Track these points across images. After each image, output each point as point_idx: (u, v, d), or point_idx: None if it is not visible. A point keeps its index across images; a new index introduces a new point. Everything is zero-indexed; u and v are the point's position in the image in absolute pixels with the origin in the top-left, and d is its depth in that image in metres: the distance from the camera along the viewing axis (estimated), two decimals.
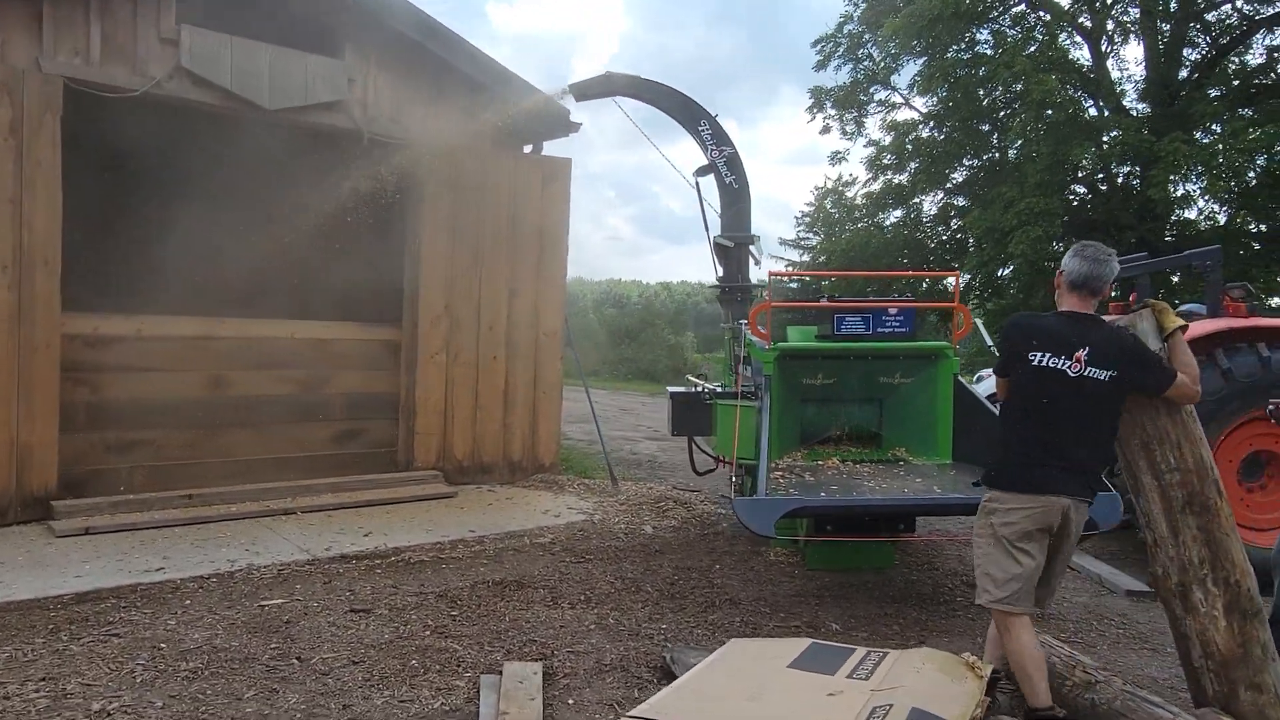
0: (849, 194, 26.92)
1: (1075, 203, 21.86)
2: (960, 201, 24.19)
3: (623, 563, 6.14)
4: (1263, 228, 21.89)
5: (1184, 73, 22.51)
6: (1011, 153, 23.64)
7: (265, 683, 3.94)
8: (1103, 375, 3.47)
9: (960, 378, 5.94)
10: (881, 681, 3.11)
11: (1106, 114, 21.24)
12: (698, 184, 7.66)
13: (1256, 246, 21.62)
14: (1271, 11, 20.78)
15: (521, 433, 8.58)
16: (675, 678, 4.07)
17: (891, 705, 2.88)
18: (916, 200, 24.54)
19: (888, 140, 24.43)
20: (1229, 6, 21.76)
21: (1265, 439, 6.22)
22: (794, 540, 6.48)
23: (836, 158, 26.53)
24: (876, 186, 24.80)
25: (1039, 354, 3.52)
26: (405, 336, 8.21)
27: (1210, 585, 3.54)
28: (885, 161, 24.84)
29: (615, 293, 41.56)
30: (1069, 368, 3.48)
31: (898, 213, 25.14)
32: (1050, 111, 19.91)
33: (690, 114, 7.44)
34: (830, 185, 28.62)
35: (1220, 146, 19.77)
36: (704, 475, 7.53)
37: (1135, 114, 21.66)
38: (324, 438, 7.99)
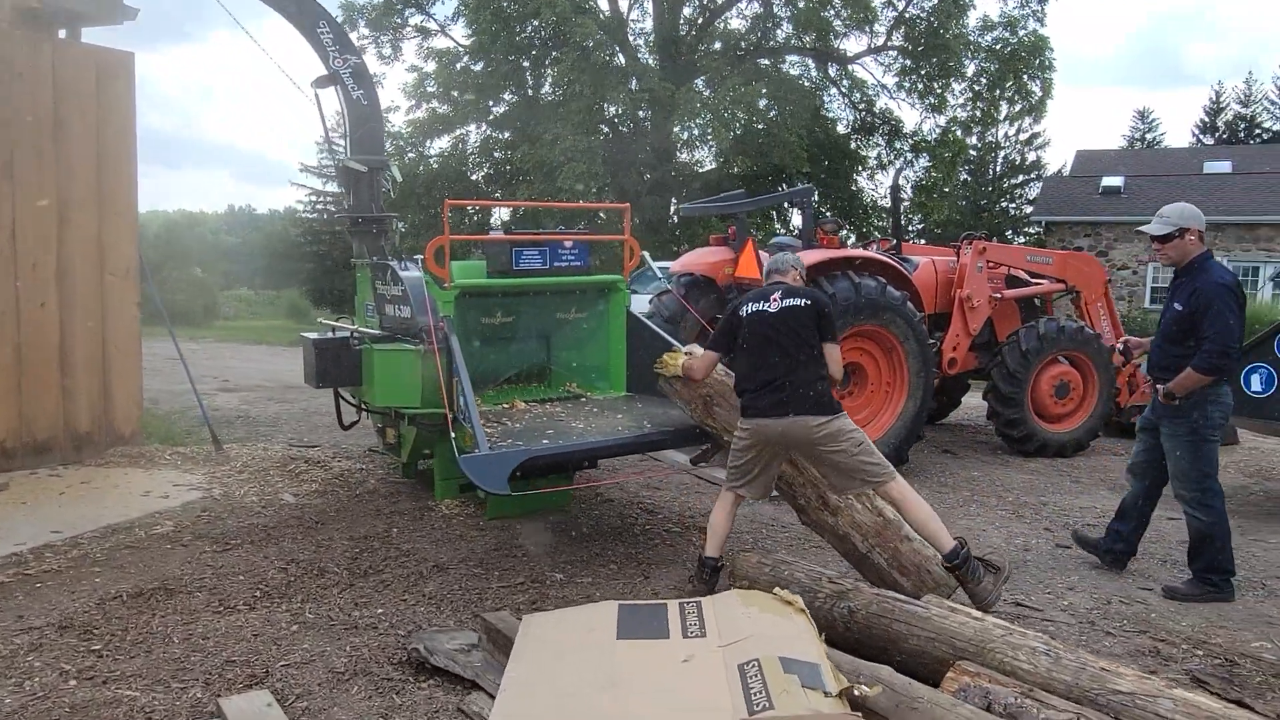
0: (390, 122, 25.80)
1: (609, 142, 23.45)
2: (505, 135, 24.57)
3: (281, 543, 5.22)
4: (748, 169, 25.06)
5: (683, 30, 25.03)
6: (546, 88, 24.56)
7: None
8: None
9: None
10: (723, 636, 2.99)
11: (624, 62, 22.89)
12: (318, 97, 6.60)
13: (742, 187, 25.11)
14: None
15: (89, 399, 6.81)
16: (438, 671, 3.58)
17: (758, 659, 2.77)
18: (463, 131, 24.39)
19: (431, 68, 23.80)
20: None
21: (854, 353, 7.27)
22: (462, 489, 6.10)
23: (373, 81, 25.06)
24: (421, 114, 24.12)
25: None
26: None
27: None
28: (429, 90, 24.21)
29: None
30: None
31: (442, 143, 24.77)
32: (590, 53, 20.98)
33: (306, 12, 6.33)
34: None
35: (717, 100, 22.44)
36: (349, 430, 6.69)
37: (649, 64, 23.70)
38: None
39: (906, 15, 24.31)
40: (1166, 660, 3.98)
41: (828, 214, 19.90)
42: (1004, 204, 50.31)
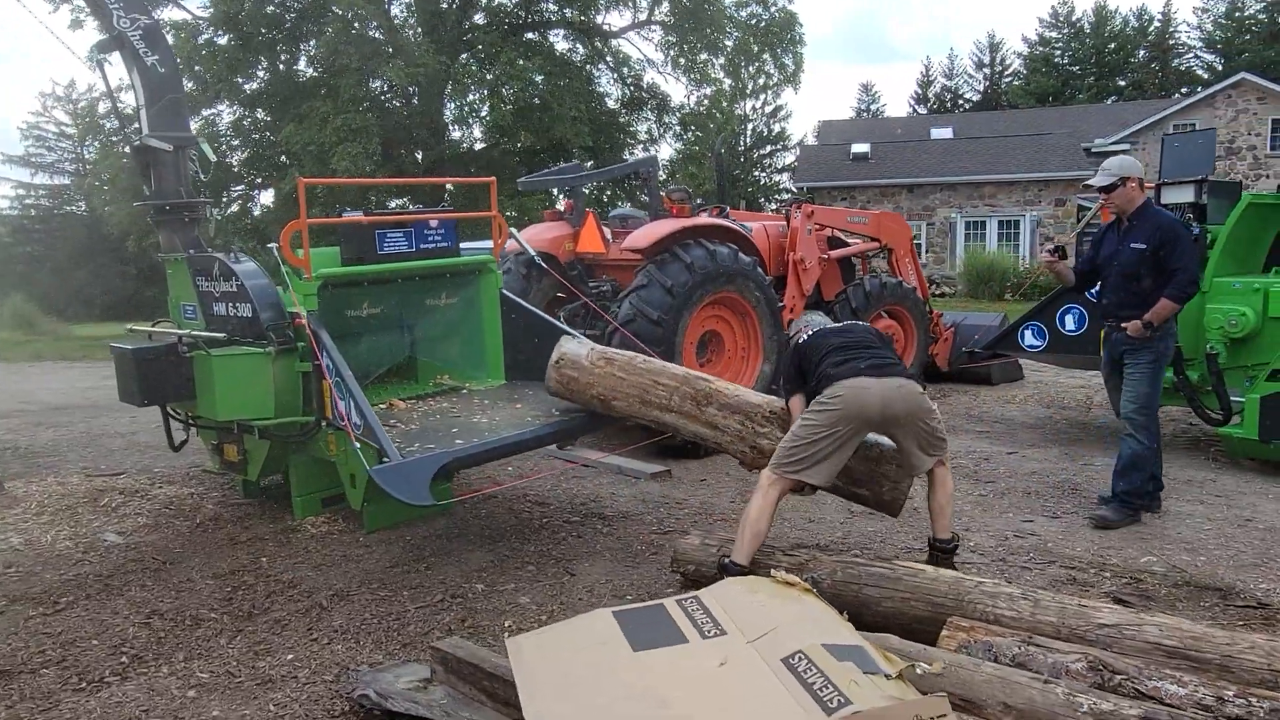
0: (122, 102, 22.88)
1: (381, 120, 22.20)
2: (261, 115, 22.55)
3: (127, 593, 4.39)
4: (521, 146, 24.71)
5: (446, 3, 24.02)
6: (304, 64, 22.79)
7: None
8: None
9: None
10: (746, 631, 2.79)
11: (383, 36, 21.66)
12: (101, 64, 5.59)
13: (520, 167, 24.52)
14: None
15: None
16: (394, 717, 3.12)
17: (801, 651, 2.60)
18: (212, 112, 22.10)
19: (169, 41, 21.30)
20: None
21: (711, 321, 7.25)
22: (325, 504, 5.47)
23: (97, 59, 21.76)
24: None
25: None
26: None
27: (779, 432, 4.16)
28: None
29: None
30: None
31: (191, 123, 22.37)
32: (352, 25, 19.67)
33: None
34: (62, 90, 23.95)
35: (490, 76, 21.80)
36: (179, 450, 5.77)
37: (415, 39, 22.59)
38: None
39: None
40: (1085, 586, 4.25)
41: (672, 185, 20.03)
42: (756, 174, 53.25)
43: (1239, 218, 6.46)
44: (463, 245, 5.46)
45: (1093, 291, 6.63)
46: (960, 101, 57.36)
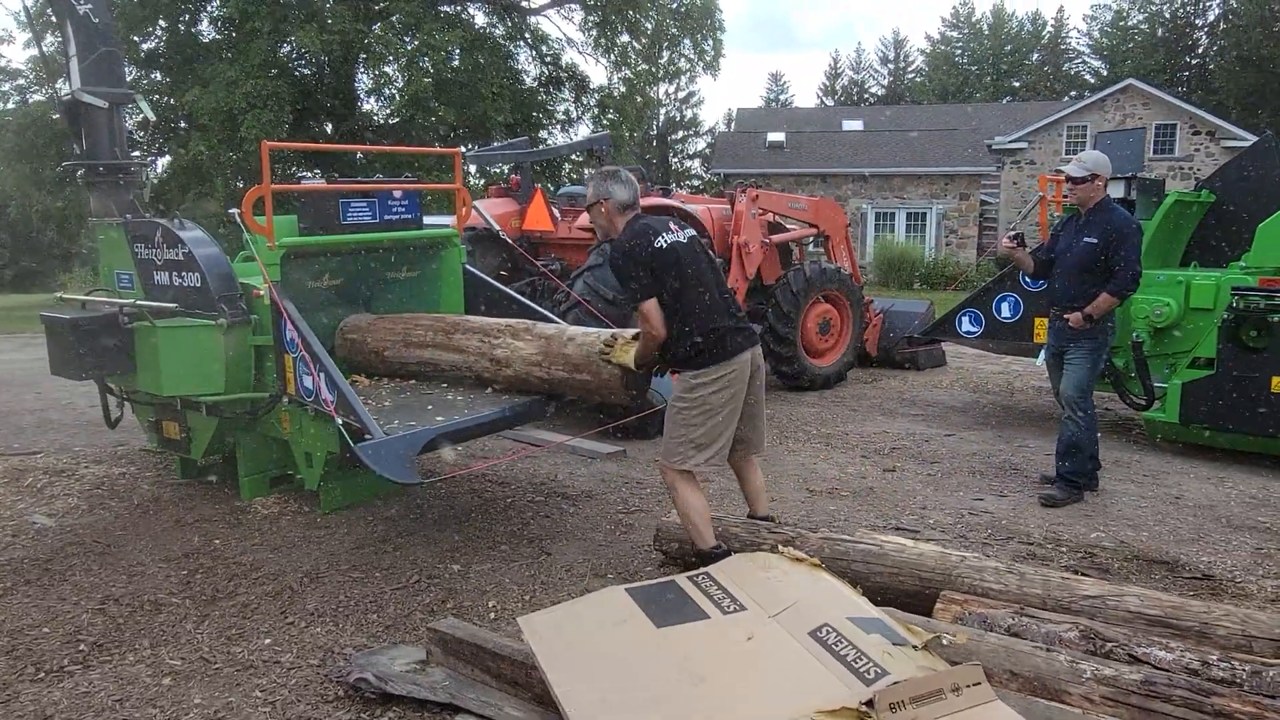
0: (5, 57, 21.32)
1: (292, 87, 21.33)
2: (157, 76, 21.35)
3: (72, 577, 4.12)
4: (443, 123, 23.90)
5: None
6: (204, 25, 21.70)
7: None
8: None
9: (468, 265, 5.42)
10: (767, 606, 2.80)
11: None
12: (26, 10, 5.21)
13: (436, 143, 23.78)
14: None
15: None
16: (393, 699, 3.02)
17: (827, 624, 2.63)
18: None
19: None
20: None
21: None
22: (273, 483, 5.26)
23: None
24: (49, 48, 20.14)
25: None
26: None
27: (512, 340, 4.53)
28: (52, 19, 20.30)
29: None
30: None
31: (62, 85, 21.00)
32: None
33: None
34: None
35: (413, 45, 21.16)
36: (114, 427, 5.44)
37: (329, 3, 21.71)
38: None
39: None
40: (1045, 560, 4.43)
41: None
42: (670, 159, 53.47)
43: (1164, 214, 6.82)
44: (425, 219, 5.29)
45: (1028, 281, 6.91)
46: (866, 95, 58.82)
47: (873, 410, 8.12)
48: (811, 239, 9.90)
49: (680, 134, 54.67)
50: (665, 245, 3.79)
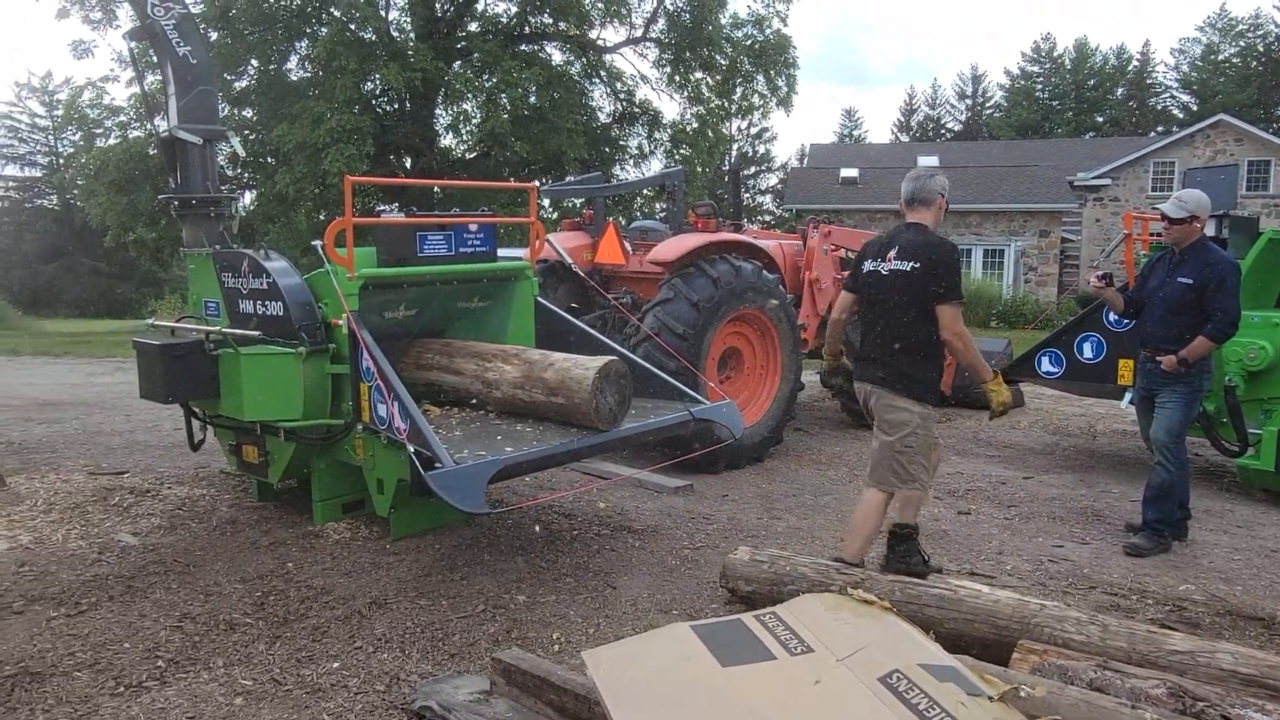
0: (109, 94, 22.56)
1: (375, 123, 22.03)
2: (247, 113, 22.29)
3: (152, 595, 4.25)
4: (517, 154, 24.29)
5: (441, 10, 23.88)
6: (293, 64, 22.59)
7: None
8: (905, 266, 4.09)
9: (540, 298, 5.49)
10: (835, 649, 2.73)
11: (376, 37, 21.43)
12: (131, 52, 5.47)
13: (510, 177, 24.22)
14: None
15: None
16: None
17: (898, 670, 2.55)
18: None
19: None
20: None
21: (732, 337, 7.22)
22: (345, 509, 5.35)
23: (81, 49, 21.28)
24: (151, 86, 21.24)
25: (867, 262, 4.33)
26: None
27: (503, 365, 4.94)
28: (154, 59, 21.40)
29: None
30: (880, 267, 4.21)
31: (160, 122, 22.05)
32: (352, 27, 19.55)
33: None
34: (38, 81, 23.48)
35: (491, 83, 21.68)
36: (198, 450, 5.63)
37: (409, 42, 22.41)
38: None
39: (667, 7, 24.89)
40: (1129, 612, 4.23)
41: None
42: (742, 194, 53.60)
43: (1259, 253, 6.54)
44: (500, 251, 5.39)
45: (1112, 320, 6.69)
46: (942, 130, 58.18)
47: (946, 450, 7.92)
48: None
49: (752, 169, 54.81)
50: (864, 270, 4.44)
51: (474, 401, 5.11)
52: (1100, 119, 52.82)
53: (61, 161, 41.16)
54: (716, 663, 2.71)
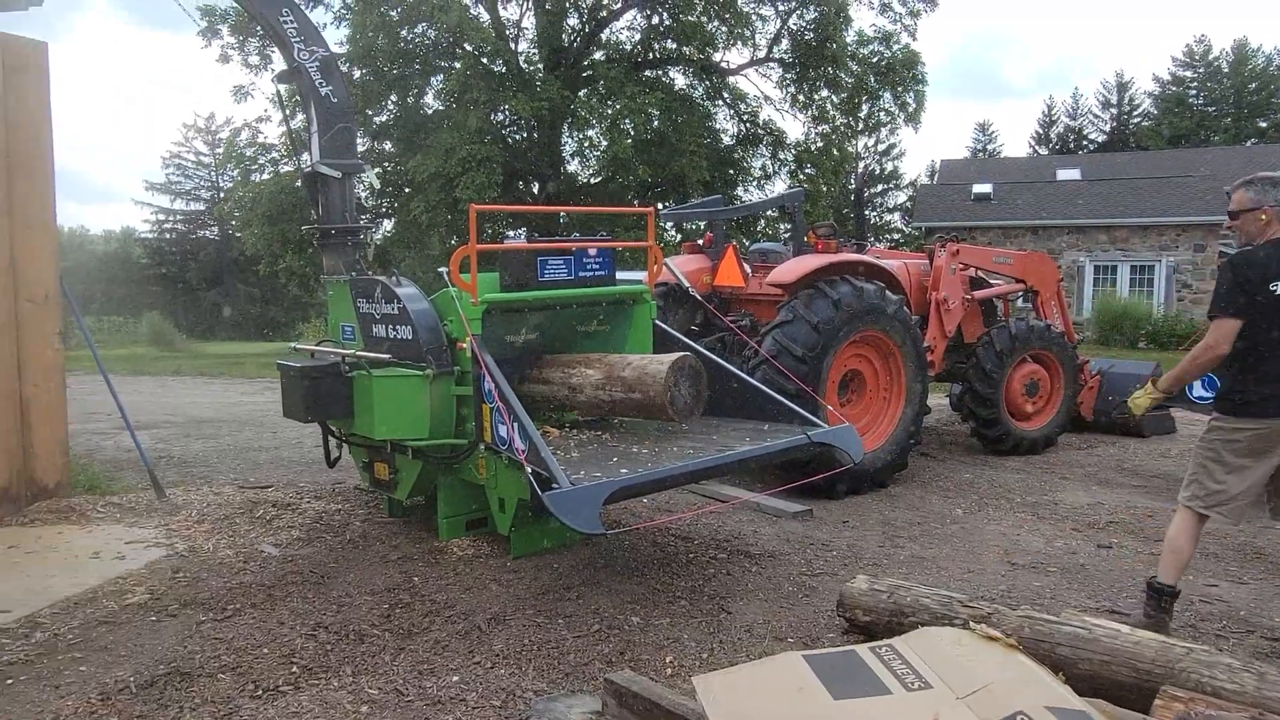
0: (263, 133, 24.19)
1: (505, 152, 22.78)
2: (387, 145, 23.47)
3: (290, 603, 4.48)
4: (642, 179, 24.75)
5: (568, 41, 24.56)
6: (429, 97, 23.62)
7: None
8: None
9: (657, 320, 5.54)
10: (955, 687, 2.62)
11: (506, 69, 22.15)
12: (279, 93, 5.86)
13: (634, 200, 24.60)
14: None
15: (5, 447, 5.77)
16: None
17: (1023, 713, 2.42)
18: None
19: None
20: None
21: (855, 360, 7.06)
22: (469, 527, 5.50)
23: (241, 93, 22.92)
24: (298, 124, 22.72)
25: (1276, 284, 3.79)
26: None
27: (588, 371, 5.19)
28: (299, 99, 22.85)
29: None
30: None
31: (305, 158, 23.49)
32: (484, 60, 20.30)
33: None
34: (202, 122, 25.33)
35: (615, 109, 22.12)
36: (334, 467, 5.95)
37: (537, 73, 23.10)
38: None
39: (791, 28, 24.80)
40: None
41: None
42: (866, 212, 52.53)
43: None
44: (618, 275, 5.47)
45: None
46: (1085, 142, 55.43)
47: (1086, 479, 7.50)
48: (1020, 295, 9.37)
49: (880, 187, 53.67)
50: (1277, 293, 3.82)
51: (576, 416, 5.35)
52: (1264, 125, 49.11)
53: (221, 195, 44.43)
54: (829, 695, 2.65)
